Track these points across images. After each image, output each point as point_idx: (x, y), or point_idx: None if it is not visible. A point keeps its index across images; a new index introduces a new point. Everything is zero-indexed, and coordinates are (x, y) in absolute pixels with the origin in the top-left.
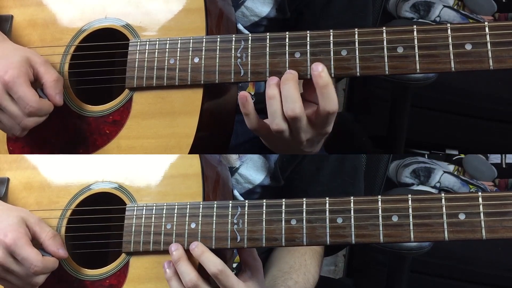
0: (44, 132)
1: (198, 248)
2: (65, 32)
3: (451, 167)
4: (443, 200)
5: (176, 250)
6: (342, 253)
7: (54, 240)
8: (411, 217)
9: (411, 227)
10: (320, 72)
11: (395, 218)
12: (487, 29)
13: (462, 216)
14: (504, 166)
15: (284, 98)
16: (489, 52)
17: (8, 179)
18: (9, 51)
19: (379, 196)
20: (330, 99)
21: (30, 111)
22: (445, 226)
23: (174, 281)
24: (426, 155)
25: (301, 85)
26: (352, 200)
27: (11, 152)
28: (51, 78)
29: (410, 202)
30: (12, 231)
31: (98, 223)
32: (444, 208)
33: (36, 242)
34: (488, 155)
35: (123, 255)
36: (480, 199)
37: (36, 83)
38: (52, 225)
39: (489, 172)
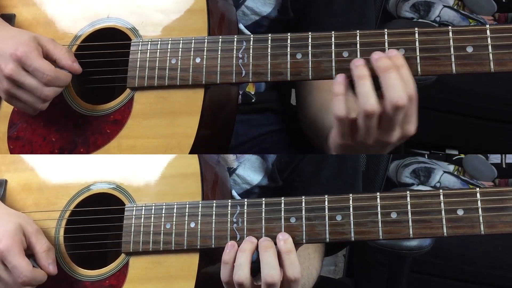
0: (44, 131)
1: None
2: (67, 31)
3: (451, 167)
4: (441, 196)
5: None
6: (342, 253)
7: (48, 254)
8: (410, 213)
9: (410, 224)
10: None
11: (394, 215)
12: (488, 32)
13: (460, 212)
14: (504, 166)
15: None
16: (490, 55)
17: (6, 181)
18: (16, 32)
19: (378, 193)
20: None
21: (49, 80)
22: (444, 222)
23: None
24: (426, 155)
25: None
26: (351, 198)
27: (11, 150)
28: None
29: (408, 198)
30: (8, 238)
31: (97, 223)
32: (442, 204)
33: (30, 253)
34: (488, 155)
35: (122, 256)
36: (478, 194)
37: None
38: (50, 227)
39: (489, 172)
